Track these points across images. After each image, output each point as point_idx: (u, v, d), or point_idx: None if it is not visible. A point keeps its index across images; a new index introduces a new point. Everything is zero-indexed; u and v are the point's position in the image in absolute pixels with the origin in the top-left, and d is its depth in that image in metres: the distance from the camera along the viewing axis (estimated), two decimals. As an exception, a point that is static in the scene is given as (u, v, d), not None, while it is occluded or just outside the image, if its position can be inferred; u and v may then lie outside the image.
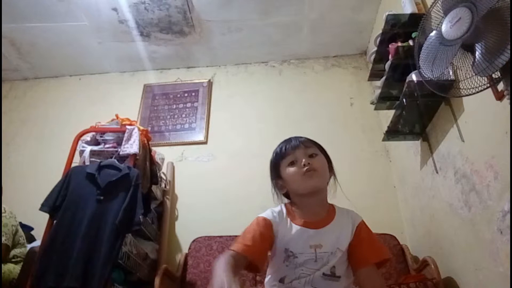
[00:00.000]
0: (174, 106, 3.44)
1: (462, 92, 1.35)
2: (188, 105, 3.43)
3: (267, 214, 1.21)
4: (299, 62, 3.55)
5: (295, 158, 1.18)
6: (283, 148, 1.22)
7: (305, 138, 1.25)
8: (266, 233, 1.14)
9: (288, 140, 1.25)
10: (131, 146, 2.19)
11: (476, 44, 1.23)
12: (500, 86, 1.32)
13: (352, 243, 1.15)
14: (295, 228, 1.15)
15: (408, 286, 1.78)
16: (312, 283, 1.09)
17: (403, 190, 2.63)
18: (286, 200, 1.27)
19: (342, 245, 1.14)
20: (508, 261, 1.31)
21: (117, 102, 3.41)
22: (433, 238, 2.09)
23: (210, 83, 3.54)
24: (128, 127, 2.28)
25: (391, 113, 2.11)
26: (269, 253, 1.19)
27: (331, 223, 1.16)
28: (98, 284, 1.76)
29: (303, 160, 1.16)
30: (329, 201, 1.24)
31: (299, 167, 1.16)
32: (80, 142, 2.33)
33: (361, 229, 1.18)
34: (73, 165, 2.21)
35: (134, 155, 2.18)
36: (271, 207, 1.25)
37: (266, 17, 3.08)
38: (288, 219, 1.18)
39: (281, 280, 1.13)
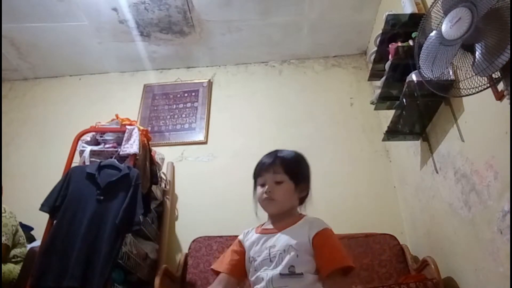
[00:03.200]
0: (174, 106, 3.44)
1: (462, 92, 1.34)
2: (188, 105, 3.43)
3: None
4: (299, 62, 3.55)
5: (264, 181, 1.28)
6: (258, 167, 1.33)
7: (282, 157, 1.30)
8: (237, 249, 1.32)
9: (268, 157, 1.33)
10: (131, 146, 2.19)
11: (476, 44, 1.23)
12: (500, 86, 1.32)
13: (314, 251, 1.16)
14: (255, 236, 1.29)
15: (408, 286, 1.77)
16: (274, 283, 1.11)
17: (403, 190, 2.63)
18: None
19: (294, 243, 1.16)
20: (508, 261, 1.31)
21: (117, 102, 3.40)
22: (433, 238, 2.09)
23: (210, 83, 3.54)
24: (128, 127, 2.28)
25: (391, 113, 2.11)
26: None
27: (288, 228, 1.23)
28: (98, 284, 1.75)
29: (267, 187, 1.26)
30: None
31: (263, 192, 1.27)
32: (80, 142, 2.33)
33: (319, 237, 1.17)
34: (73, 165, 2.21)
35: (134, 155, 2.18)
36: None
37: (266, 17, 3.08)
38: (253, 231, 1.33)
39: None
